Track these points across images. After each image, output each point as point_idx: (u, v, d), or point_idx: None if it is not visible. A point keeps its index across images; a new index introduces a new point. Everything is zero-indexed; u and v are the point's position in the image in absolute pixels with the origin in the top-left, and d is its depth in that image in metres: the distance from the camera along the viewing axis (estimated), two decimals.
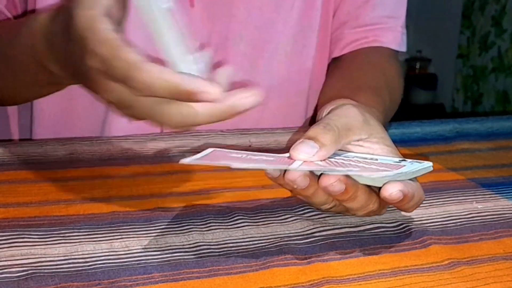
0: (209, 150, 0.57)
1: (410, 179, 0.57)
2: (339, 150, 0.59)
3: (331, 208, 0.59)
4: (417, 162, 0.58)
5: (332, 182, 0.54)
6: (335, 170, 0.54)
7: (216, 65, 0.54)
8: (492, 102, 2.37)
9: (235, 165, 0.54)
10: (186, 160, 0.53)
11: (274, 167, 0.56)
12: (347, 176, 0.54)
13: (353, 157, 0.59)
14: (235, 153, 0.58)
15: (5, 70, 0.73)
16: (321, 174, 0.55)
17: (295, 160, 0.55)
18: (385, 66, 0.91)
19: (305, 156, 0.55)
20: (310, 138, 0.56)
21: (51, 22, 0.61)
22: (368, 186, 0.57)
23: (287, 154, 0.57)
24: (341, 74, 0.89)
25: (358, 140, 0.60)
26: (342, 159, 0.58)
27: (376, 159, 0.59)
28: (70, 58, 0.57)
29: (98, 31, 0.52)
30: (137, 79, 0.50)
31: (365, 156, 0.59)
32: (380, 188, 0.55)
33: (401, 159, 0.59)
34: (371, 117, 0.62)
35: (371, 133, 0.61)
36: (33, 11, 0.80)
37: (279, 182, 0.57)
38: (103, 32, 0.51)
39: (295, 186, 0.55)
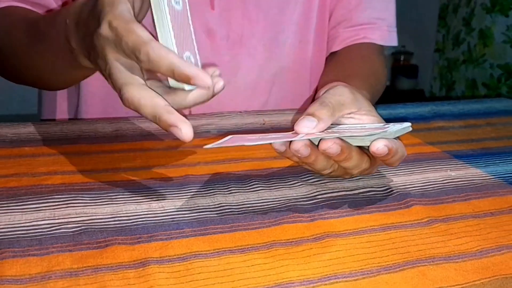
0: (229, 137, 0.57)
1: (394, 138, 0.56)
2: (335, 123, 0.59)
3: (331, 172, 0.59)
4: (398, 124, 0.57)
5: (330, 145, 0.53)
6: (331, 136, 0.54)
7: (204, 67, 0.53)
8: (462, 88, 2.35)
9: (248, 143, 0.54)
10: (208, 146, 0.53)
11: (280, 141, 0.55)
12: (342, 140, 0.54)
13: (346, 127, 0.59)
14: (250, 136, 0.57)
15: (44, 48, 0.69)
16: (320, 141, 0.54)
17: (298, 134, 0.55)
18: (372, 58, 0.91)
19: (307, 130, 0.55)
20: (309, 115, 0.56)
21: (84, 3, 0.58)
22: (360, 148, 0.57)
23: (292, 132, 0.56)
24: (336, 65, 0.90)
25: (349, 114, 0.60)
26: (338, 129, 0.58)
27: (365, 126, 0.58)
28: (88, 29, 0.54)
29: (117, 7, 0.50)
30: (145, 53, 0.48)
31: (356, 126, 0.59)
32: (369, 148, 0.55)
33: (385, 124, 0.59)
34: (359, 95, 0.62)
35: (360, 107, 0.60)
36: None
37: (286, 155, 0.57)
38: (121, 10, 0.50)
39: (299, 155, 0.55)
